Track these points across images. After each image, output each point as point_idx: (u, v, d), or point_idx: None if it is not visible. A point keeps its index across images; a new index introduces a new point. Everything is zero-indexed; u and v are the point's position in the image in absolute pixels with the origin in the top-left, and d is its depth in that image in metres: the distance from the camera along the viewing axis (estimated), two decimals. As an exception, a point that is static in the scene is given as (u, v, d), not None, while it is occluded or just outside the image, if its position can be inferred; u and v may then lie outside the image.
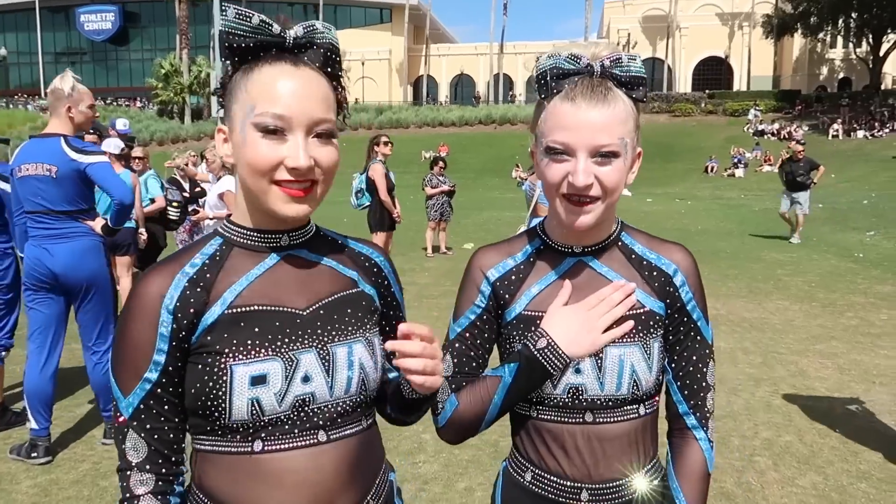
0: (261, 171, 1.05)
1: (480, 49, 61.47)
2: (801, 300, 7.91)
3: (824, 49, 53.87)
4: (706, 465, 1.28)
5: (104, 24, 68.43)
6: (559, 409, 1.24)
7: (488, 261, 1.31)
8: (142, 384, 1.06)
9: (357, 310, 1.17)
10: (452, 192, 11.82)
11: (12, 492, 3.40)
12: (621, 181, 1.18)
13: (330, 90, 1.10)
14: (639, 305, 1.24)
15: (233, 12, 1.05)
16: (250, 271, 1.12)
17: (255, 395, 1.04)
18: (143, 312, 1.06)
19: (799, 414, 4.43)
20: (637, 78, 1.17)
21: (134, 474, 1.07)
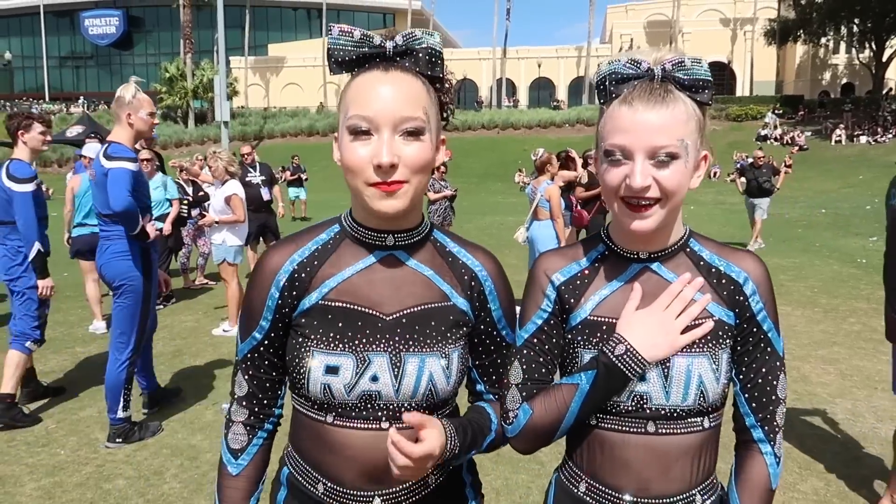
0: (354, 172, 1.14)
1: (483, 54, 61.49)
2: (803, 306, 7.91)
3: (827, 54, 53.84)
4: (769, 480, 1.24)
5: (108, 28, 68.63)
6: (621, 418, 1.21)
7: (553, 265, 1.29)
8: (251, 339, 1.26)
9: (441, 323, 1.22)
10: (454, 196, 11.84)
11: (16, 494, 3.42)
12: (683, 184, 1.15)
13: (423, 90, 1.16)
14: (707, 314, 1.21)
15: (336, 30, 1.16)
16: (350, 266, 1.23)
17: (327, 381, 1.18)
18: (259, 282, 1.24)
19: (800, 419, 4.44)
20: (701, 81, 1.15)
21: (235, 404, 1.30)
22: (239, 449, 1.28)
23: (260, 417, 1.29)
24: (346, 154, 1.14)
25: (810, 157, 34.62)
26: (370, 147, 1.11)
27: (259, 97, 60.17)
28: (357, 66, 1.16)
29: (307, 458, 1.24)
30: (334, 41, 1.15)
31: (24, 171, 4.34)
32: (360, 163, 1.12)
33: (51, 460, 3.81)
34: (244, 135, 43.26)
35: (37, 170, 4.59)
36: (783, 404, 1.26)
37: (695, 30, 56.20)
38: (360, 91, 1.13)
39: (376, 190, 1.12)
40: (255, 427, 1.29)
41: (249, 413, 1.28)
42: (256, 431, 1.29)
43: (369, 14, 65.38)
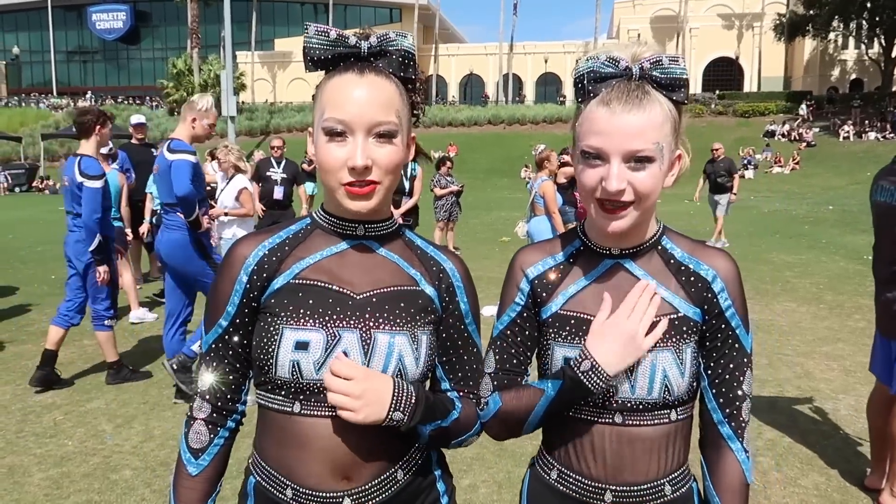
0: (329, 171, 1.18)
1: (490, 49, 61.37)
2: (808, 302, 7.90)
3: (836, 50, 53.49)
4: (744, 476, 1.25)
5: (116, 23, 68.78)
6: (591, 408, 1.25)
7: (529, 259, 1.33)
8: (216, 328, 1.25)
9: (410, 306, 1.24)
10: (460, 192, 11.86)
11: (25, 484, 3.47)
12: (656, 186, 1.17)
13: (396, 93, 1.19)
14: (672, 310, 1.24)
15: (313, 29, 1.18)
16: (322, 250, 1.25)
17: (296, 358, 1.16)
18: (228, 269, 1.25)
19: (803, 415, 4.45)
20: (678, 80, 1.16)
21: (198, 399, 1.27)
22: (200, 448, 1.24)
23: (223, 413, 1.26)
24: (321, 154, 1.18)
25: (818, 153, 34.48)
26: (345, 149, 1.15)
27: (266, 92, 60.24)
28: (332, 65, 1.19)
29: (274, 463, 1.22)
30: (309, 40, 1.17)
31: (95, 169, 4.76)
32: (335, 163, 1.16)
33: (59, 451, 3.86)
34: (251, 129, 43.35)
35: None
36: (749, 400, 1.27)
37: (702, 25, 55.95)
38: (336, 93, 1.16)
39: (349, 190, 1.17)
40: (217, 424, 1.26)
41: (212, 409, 1.25)
42: (218, 430, 1.26)
43: (376, 9, 65.29)
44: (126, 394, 4.79)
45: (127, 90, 66.14)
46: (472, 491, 3.42)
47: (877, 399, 3.41)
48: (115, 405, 4.58)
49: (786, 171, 32.69)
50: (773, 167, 33.56)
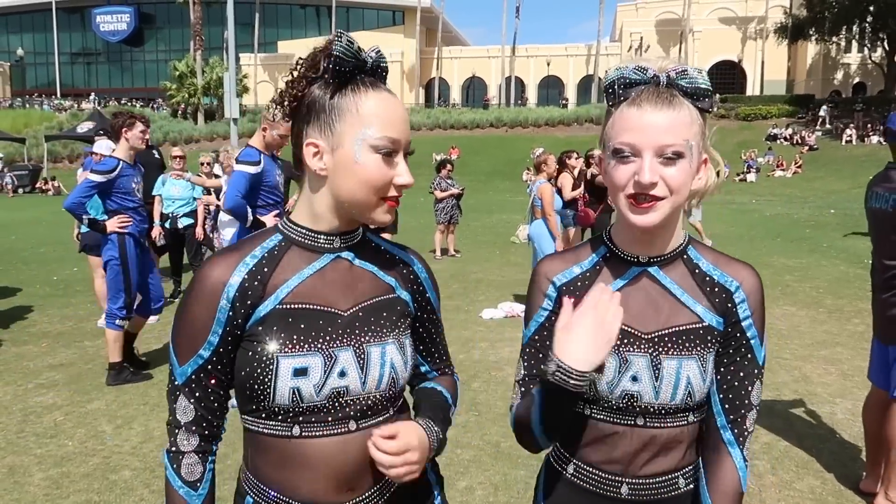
0: (376, 188, 1.18)
1: (492, 52, 61.41)
2: (807, 306, 7.91)
3: (839, 54, 53.44)
4: (740, 484, 1.27)
5: (119, 25, 68.97)
6: (612, 412, 1.28)
7: (554, 268, 1.34)
8: (195, 358, 1.20)
9: (392, 314, 1.28)
10: (461, 194, 11.89)
11: (25, 484, 3.50)
12: (687, 182, 1.20)
13: None
14: (697, 320, 1.27)
15: (345, 40, 1.16)
16: (303, 270, 1.23)
17: (296, 385, 1.16)
18: (204, 296, 1.18)
19: (800, 419, 4.46)
20: (703, 89, 1.22)
21: (181, 433, 1.22)
22: (196, 480, 1.23)
23: (209, 441, 1.25)
24: (372, 172, 1.17)
25: (820, 157, 34.45)
26: (393, 168, 1.19)
27: (268, 94, 60.22)
28: (349, 79, 1.18)
29: (273, 484, 1.22)
30: (342, 49, 1.15)
31: (104, 165, 5.02)
32: (385, 181, 1.18)
33: (59, 451, 3.89)
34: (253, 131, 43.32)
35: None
36: (755, 411, 1.29)
37: (705, 28, 55.93)
38: (384, 111, 1.17)
39: (387, 205, 1.21)
40: (206, 452, 1.25)
41: (200, 439, 1.23)
42: (208, 457, 1.25)
43: (378, 11, 65.36)
44: (126, 395, 4.82)
45: (130, 92, 66.32)
46: (468, 493, 3.44)
47: (873, 403, 3.43)
48: (116, 406, 4.61)
49: (788, 175, 32.67)
50: (776, 171, 33.53)
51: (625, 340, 1.27)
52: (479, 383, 5.07)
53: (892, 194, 3.07)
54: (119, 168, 4.97)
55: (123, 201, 5.03)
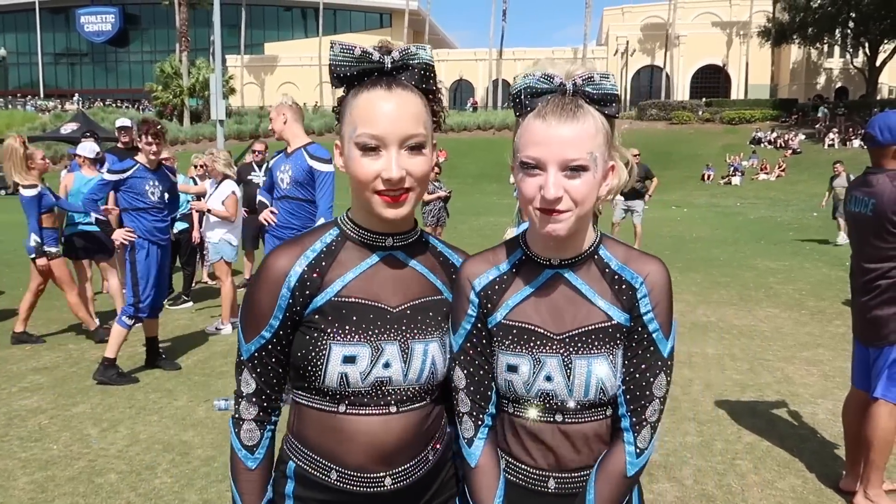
0: (363, 183, 1.24)
1: (479, 55, 61.55)
2: (790, 308, 8.01)
3: (821, 58, 54.04)
4: (624, 468, 1.30)
5: (104, 25, 68.43)
6: (533, 409, 1.33)
7: (474, 269, 1.38)
8: (258, 338, 1.31)
9: (437, 314, 1.36)
10: (448, 197, 11.91)
11: (9, 488, 3.48)
12: (591, 193, 1.23)
13: (422, 105, 1.26)
14: (606, 318, 1.31)
15: (338, 48, 1.23)
16: (357, 266, 1.33)
17: (344, 371, 1.27)
18: (268, 284, 1.30)
19: (782, 419, 4.52)
20: (609, 95, 1.23)
21: (244, 402, 1.35)
22: (254, 445, 1.35)
23: (268, 412, 1.37)
24: (355, 167, 1.24)
25: (803, 160, 34.79)
26: (379, 162, 1.22)
27: (255, 96, 60.06)
28: (357, 81, 1.25)
29: (317, 449, 1.32)
30: (335, 57, 1.23)
31: (119, 166, 5.34)
32: (369, 176, 1.23)
33: (43, 455, 3.87)
34: (240, 133, 43.20)
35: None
36: (658, 402, 1.32)
37: (690, 32, 56.36)
38: (368, 109, 1.22)
39: (382, 199, 1.25)
40: (264, 422, 1.36)
41: (259, 409, 1.35)
42: (266, 426, 1.37)
43: (366, 14, 65.36)
44: (112, 398, 4.80)
45: (115, 93, 65.77)
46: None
47: (852, 403, 3.49)
48: (101, 409, 4.59)
49: (772, 178, 32.97)
50: (760, 174, 33.83)
51: (537, 342, 1.32)
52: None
53: (870, 198, 3.13)
54: (133, 170, 5.22)
55: (134, 201, 5.23)
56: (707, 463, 3.83)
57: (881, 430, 3.18)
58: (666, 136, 41.07)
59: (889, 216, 3.03)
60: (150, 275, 5.26)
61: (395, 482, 1.31)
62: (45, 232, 6.02)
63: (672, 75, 54.92)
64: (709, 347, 6.24)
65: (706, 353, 6.06)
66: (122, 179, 5.19)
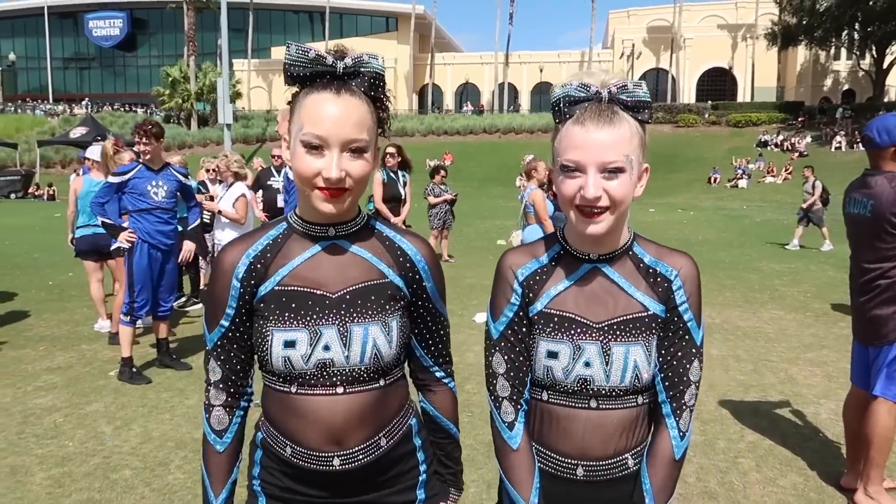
0: (304, 179, 1.32)
1: (486, 58, 61.68)
2: (795, 310, 8.04)
3: (828, 61, 53.96)
4: (672, 451, 1.40)
5: (112, 30, 68.94)
6: (568, 395, 1.41)
7: (517, 261, 1.46)
8: (218, 328, 1.42)
9: (380, 297, 1.40)
10: (454, 200, 11.99)
11: (27, 483, 3.56)
12: (628, 194, 1.32)
13: (367, 112, 1.33)
14: (643, 309, 1.40)
15: (294, 49, 1.30)
16: (299, 255, 1.40)
17: (286, 354, 1.35)
18: (220, 277, 1.42)
19: (785, 419, 4.57)
20: (642, 102, 1.32)
21: (212, 389, 1.45)
22: (222, 429, 1.45)
23: (236, 397, 1.46)
24: (299, 163, 1.31)
25: (810, 163, 34.63)
26: (321, 161, 1.30)
27: (262, 100, 60.38)
28: (309, 81, 1.32)
29: (276, 426, 1.41)
30: (290, 57, 1.30)
31: (122, 168, 5.41)
32: (310, 173, 1.30)
33: (59, 452, 3.95)
34: (247, 137, 43.43)
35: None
36: (694, 387, 1.42)
37: (696, 35, 56.38)
38: (315, 109, 1.29)
39: (321, 194, 1.32)
40: (233, 407, 1.45)
41: (227, 395, 1.44)
42: (234, 411, 1.46)
43: (372, 18, 65.58)
44: (125, 397, 4.89)
45: (123, 97, 66.24)
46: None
47: (852, 402, 3.54)
48: (114, 408, 4.68)
49: (778, 181, 32.95)
50: (766, 177, 33.81)
51: (578, 329, 1.40)
52: (473, 385, 5.16)
53: (869, 199, 3.19)
54: (134, 171, 5.28)
55: (137, 202, 5.28)
56: (710, 461, 3.88)
57: (881, 427, 3.23)
58: (672, 139, 41.10)
59: (888, 217, 3.09)
60: (146, 277, 5.29)
61: (343, 463, 1.38)
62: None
63: (678, 78, 54.92)
64: (713, 349, 6.29)
65: (710, 354, 6.11)
66: (125, 181, 5.24)
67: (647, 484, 1.41)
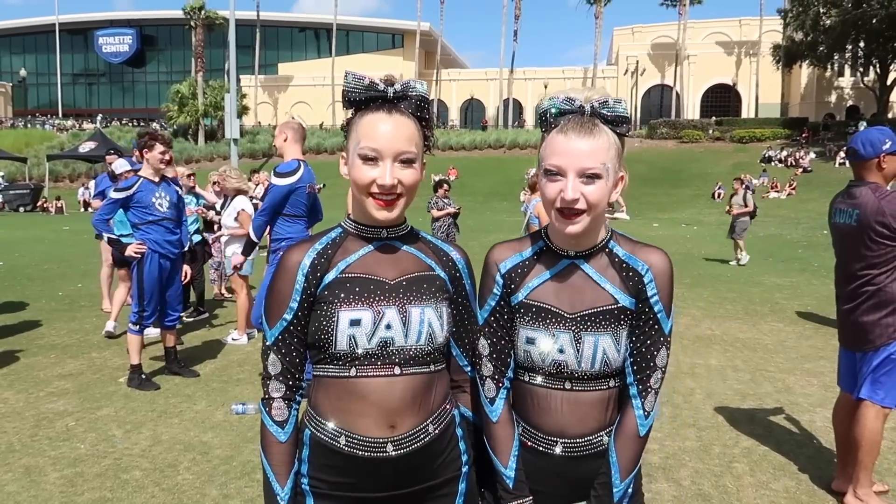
0: (361, 186, 1.50)
1: (490, 74, 62.19)
2: (795, 322, 8.13)
3: (833, 77, 54.16)
4: (637, 429, 1.54)
5: (122, 46, 69.81)
6: (545, 377, 1.56)
7: (501, 255, 1.62)
8: (281, 321, 1.53)
9: (431, 286, 1.56)
10: (457, 213, 12.12)
11: (41, 482, 3.68)
12: (603, 198, 1.47)
13: (415, 129, 1.52)
14: (613, 301, 1.53)
15: (350, 77, 1.50)
16: (358, 251, 1.57)
17: (352, 332, 1.48)
18: (286, 274, 1.54)
19: (780, 426, 4.66)
20: (621, 117, 1.48)
21: (272, 383, 1.55)
22: (283, 420, 1.54)
23: (294, 390, 1.56)
24: (357, 173, 1.49)
25: (814, 178, 34.82)
26: (376, 170, 1.48)
27: (268, 115, 60.91)
28: (363, 105, 1.51)
29: (330, 415, 1.51)
30: (348, 84, 1.50)
31: (125, 183, 5.45)
32: (366, 181, 1.49)
33: (72, 453, 4.07)
34: (253, 152, 43.78)
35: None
36: (660, 371, 1.56)
37: (700, 52, 56.74)
38: (370, 127, 1.48)
39: (375, 202, 1.50)
40: (291, 400, 1.56)
41: (286, 387, 1.55)
42: (292, 403, 1.56)
43: (378, 35, 66.23)
44: (134, 402, 5.01)
45: (131, 112, 66.92)
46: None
47: (842, 407, 3.64)
48: (125, 412, 4.80)
49: (782, 197, 33.01)
50: (770, 192, 33.88)
51: (553, 319, 1.55)
52: (474, 393, 5.27)
53: (855, 209, 3.31)
54: (137, 185, 5.35)
55: (144, 215, 5.37)
56: (705, 465, 3.97)
57: (868, 431, 3.33)
58: (676, 155, 41.28)
59: (872, 225, 3.21)
60: (157, 287, 5.42)
61: (396, 448, 1.49)
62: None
63: (682, 94, 55.20)
64: (712, 359, 6.38)
65: (709, 364, 6.20)
66: (129, 196, 5.32)
67: (614, 457, 1.55)
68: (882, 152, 3.26)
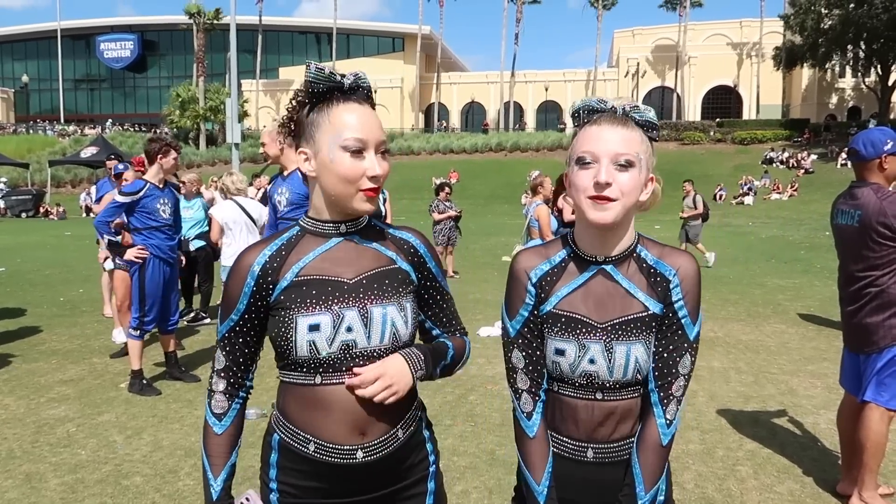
0: (350, 180, 1.45)
1: (491, 77, 62.20)
2: (798, 324, 8.09)
3: (833, 78, 54.13)
4: (660, 438, 1.49)
5: (123, 51, 69.91)
6: (575, 388, 1.52)
7: (530, 263, 1.56)
8: (228, 321, 1.52)
9: (393, 281, 1.52)
10: (459, 216, 12.12)
11: (42, 489, 3.67)
12: (636, 188, 1.44)
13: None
14: (644, 309, 1.49)
15: (314, 67, 1.46)
16: (315, 250, 1.51)
17: (311, 338, 1.44)
18: (237, 275, 1.51)
19: (784, 428, 4.64)
20: (651, 122, 1.47)
21: (215, 376, 1.56)
22: (222, 413, 1.54)
23: (235, 387, 1.55)
24: (343, 168, 1.44)
25: (816, 179, 34.80)
26: (365, 162, 1.45)
27: (270, 119, 60.88)
28: (324, 98, 1.47)
29: (298, 423, 1.48)
30: (312, 75, 1.46)
31: (129, 188, 5.40)
32: (357, 173, 1.44)
33: (72, 459, 4.06)
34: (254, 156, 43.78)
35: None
36: (683, 379, 1.50)
37: (701, 54, 56.71)
38: (350, 118, 1.44)
39: (364, 195, 1.46)
40: (232, 395, 1.55)
41: (227, 384, 1.54)
42: (233, 399, 1.55)
43: (378, 38, 66.29)
44: (135, 408, 5.00)
45: (133, 117, 66.98)
46: (464, 496, 3.61)
47: (846, 409, 3.62)
48: (125, 418, 4.78)
49: (784, 198, 32.99)
50: (772, 194, 33.86)
51: (583, 329, 1.50)
52: (476, 396, 5.25)
53: (857, 210, 3.30)
54: (144, 189, 5.34)
55: (147, 220, 5.36)
56: (708, 468, 3.95)
57: (873, 433, 3.31)
58: (677, 157, 41.23)
59: (875, 226, 3.19)
60: (158, 292, 5.41)
61: (366, 455, 1.46)
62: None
63: (683, 96, 55.22)
64: (715, 361, 6.36)
65: (712, 366, 6.17)
66: (135, 201, 5.32)
67: (637, 468, 1.50)
68: (883, 153, 3.25)
